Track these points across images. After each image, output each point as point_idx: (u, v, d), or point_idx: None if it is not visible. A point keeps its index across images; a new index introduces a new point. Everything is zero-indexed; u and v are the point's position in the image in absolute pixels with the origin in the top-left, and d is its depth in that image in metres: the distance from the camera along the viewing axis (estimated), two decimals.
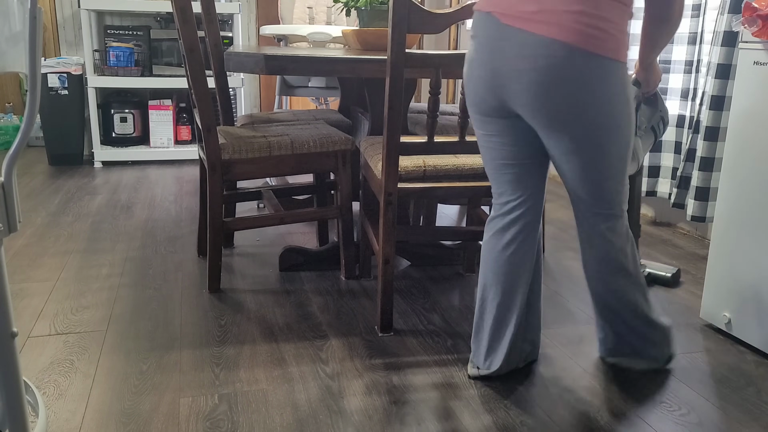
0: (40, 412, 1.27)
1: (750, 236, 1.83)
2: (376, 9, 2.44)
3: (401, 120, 1.79)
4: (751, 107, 1.82)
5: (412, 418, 1.50)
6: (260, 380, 1.65)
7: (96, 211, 3.14)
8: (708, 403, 1.60)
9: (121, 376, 1.66)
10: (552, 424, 1.49)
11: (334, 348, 1.83)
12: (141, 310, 2.05)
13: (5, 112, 4.81)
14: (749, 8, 1.74)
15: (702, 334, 1.98)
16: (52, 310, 2.04)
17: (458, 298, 2.21)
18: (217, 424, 1.46)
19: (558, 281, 2.37)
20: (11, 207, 1.04)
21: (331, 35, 3.22)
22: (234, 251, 2.61)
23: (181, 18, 2.02)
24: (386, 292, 1.90)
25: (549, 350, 1.85)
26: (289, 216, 2.24)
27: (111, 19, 4.52)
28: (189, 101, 4.49)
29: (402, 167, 1.87)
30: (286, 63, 1.92)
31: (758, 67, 1.79)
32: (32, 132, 1.85)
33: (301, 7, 3.94)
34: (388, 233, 1.87)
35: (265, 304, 2.12)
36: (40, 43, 1.00)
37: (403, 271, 2.43)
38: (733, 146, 1.88)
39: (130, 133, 4.38)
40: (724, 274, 1.92)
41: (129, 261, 2.47)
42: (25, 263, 2.43)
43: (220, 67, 2.49)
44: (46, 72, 4.04)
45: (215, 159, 2.09)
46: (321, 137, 2.20)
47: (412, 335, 1.92)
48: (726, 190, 1.91)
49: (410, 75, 1.88)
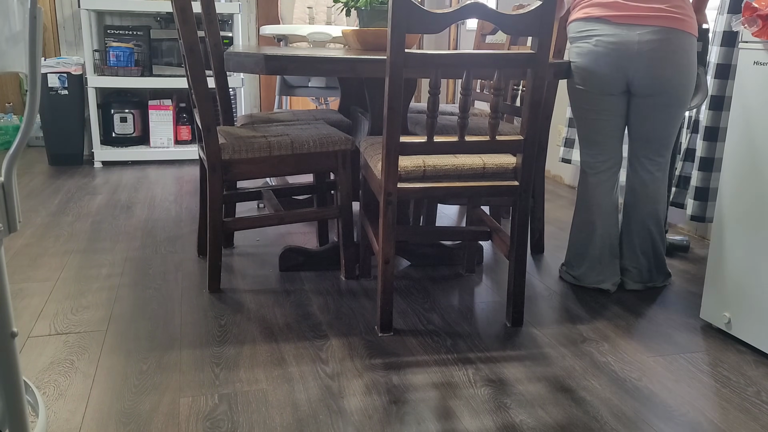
0: (40, 412, 1.27)
1: (750, 236, 1.83)
2: (376, 9, 2.44)
3: (401, 120, 1.79)
4: (751, 107, 1.82)
5: (411, 418, 1.50)
6: (260, 380, 1.65)
7: (96, 211, 3.14)
8: (708, 403, 1.60)
9: (121, 376, 1.66)
10: (552, 424, 1.50)
11: (334, 348, 1.83)
12: (141, 310, 2.05)
13: (5, 112, 4.81)
14: (749, 8, 1.74)
15: (702, 334, 1.98)
16: (52, 310, 2.04)
17: (458, 298, 2.21)
18: (217, 424, 1.46)
19: (558, 281, 2.37)
20: (11, 207, 1.04)
21: (331, 35, 3.22)
22: (234, 251, 2.61)
23: (181, 18, 2.02)
24: (386, 292, 1.90)
25: (549, 350, 1.85)
26: (289, 216, 2.24)
27: (111, 19, 4.52)
28: (189, 101, 4.49)
29: (402, 167, 1.87)
30: (286, 63, 1.92)
31: (758, 67, 1.79)
32: (32, 132, 1.85)
33: (301, 7, 3.94)
34: (388, 233, 1.87)
35: (265, 304, 2.12)
36: (40, 43, 1.00)
37: (403, 271, 2.43)
38: (733, 146, 1.88)
39: (130, 133, 4.38)
40: (724, 274, 1.92)
41: (129, 261, 2.47)
42: (25, 263, 2.43)
43: (220, 67, 2.49)
44: (46, 72, 4.04)
45: (215, 159, 2.09)
46: (321, 137, 2.20)
47: (411, 335, 1.92)
48: (726, 190, 1.91)
49: (410, 75, 1.88)
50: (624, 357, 1.82)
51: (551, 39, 1.79)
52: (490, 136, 1.86)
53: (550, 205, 3.44)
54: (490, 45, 2.99)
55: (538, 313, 2.10)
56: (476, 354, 1.82)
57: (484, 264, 2.54)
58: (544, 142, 2.60)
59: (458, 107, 1.85)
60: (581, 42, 2.11)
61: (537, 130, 1.87)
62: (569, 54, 2.20)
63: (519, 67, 1.80)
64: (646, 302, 2.20)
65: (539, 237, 2.69)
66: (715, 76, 2.57)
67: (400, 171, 1.87)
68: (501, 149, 1.88)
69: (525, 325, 2.01)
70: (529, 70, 1.82)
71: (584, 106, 2.19)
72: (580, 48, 2.12)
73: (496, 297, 2.22)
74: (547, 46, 1.79)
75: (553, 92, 2.58)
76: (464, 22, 5.26)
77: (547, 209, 3.37)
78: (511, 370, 1.74)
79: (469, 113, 1.85)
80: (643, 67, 2.04)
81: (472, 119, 2.68)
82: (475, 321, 2.03)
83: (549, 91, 2.57)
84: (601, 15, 2.05)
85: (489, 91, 2.90)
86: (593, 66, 2.09)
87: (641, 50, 2.02)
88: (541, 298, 2.22)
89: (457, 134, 1.85)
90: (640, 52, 2.02)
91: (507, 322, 2.02)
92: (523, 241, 1.95)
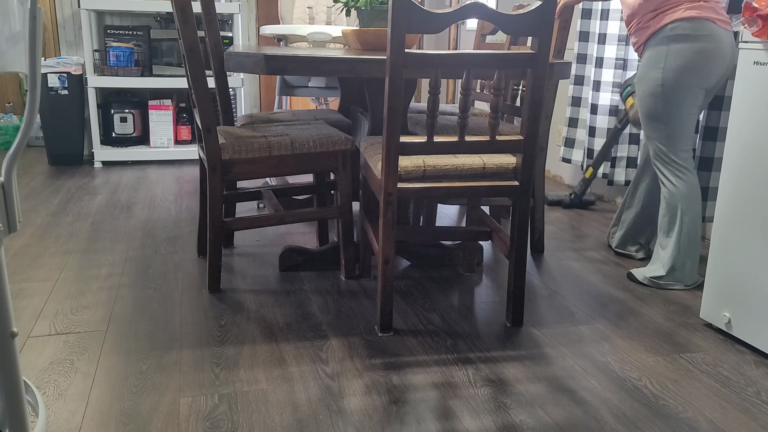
0: (40, 412, 1.27)
1: (750, 236, 1.83)
2: (376, 9, 2.44)
3: (401, 120, 1.79)
4: (751, 107, 1.82)
5: (412, 418, 1.50)
6: (260, 380, 1.65)
7: (96, 211, 3.14)
8: (708, 402, 1.60)
9: (121, 376, 1.66)
10: (552, 424, 1.50)
11: (334, 348, 1.83)
12: (141, 310, 2.05)
13: (5, 112, 4.81)
14: (749, 8, 1.74)
15: (702, 334, 1.98)
16: (52, 310, 2.04)
17: (458, 298, 2.21)
18: (217, 424, 1.46)
19: (558, 281, 2.37)
20: (11, 207, 1.04)
21: (331, 35, 3.22)
22: (234, 251, 2.61)
23: (181, 18, 2.02)
24: (386, 292, 1.90)
25: (549, 350, 1.85)
26: (289, 216, 2.24)
27: (111, 19, 4.52)
28: (189, 101, 4.49)
29: (402, 167, 1.87)
30: (286, 63, 1.92)
31: (758, 67, 1.79)
32: (32, 132, 1.85)
33: (301, 7, 3.94)
34: (388, 233, 1.87)
35: (265, 304, 2.12)
36: (40, 43, 1.00)
37: (403, 271, 2.43)
38: (733, 146, 1.88)
39: (130, 133, 4.38)
40: (724, 274, 1.92)
41: (129, 261, 2.47)
42: (25, 263, 2.43)
43: (220, 67, 2.49)
44: (46, 72, 4.04)
45: (215, 159, 2.09)
46: (321, 137, 2.20)
47: (411, 335, 1.92)
48: (726, 190, 1.91)
49: (410, 75, 1.88)
50: (624, 357, 1.82)
51: (551, 39, 1.79)
52: (490, 136, 1.86)
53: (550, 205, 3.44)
54: (490, 45, 2.99)
55: (538, 313, 2.10)
56: (476, 354, 1.82)
57: (484, 264, 2.54)
58: (544, 142, 2.60)
59: (458, 107, 1.85)
60: (693, 41, 2.18)
61: (537, 130, 1.87)
62: (669, 51, 2.22)
63: (519, 67, 1.80)
64: (646, 302, 2.20)
65: (539, 237, 2.69)
66: None
67: (400, 171, 1.87)
68: (501, 149, 1.88)
69: (525, 325, 2.01)
70: (529, 70, 1.82)
71: (689, 103, 2.25)
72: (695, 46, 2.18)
73: (496, 297, 2.22)
74: (547, 46, 1.79)
75: (553, 92, 2.58)
76: (464, 22, 5.26)
77: (547, 209, 3.37)
78: (511, 370, 1.74)
79: (469, 113, 1.85)
80: (730, 69, 2.26)
81: (472, 119, 2.68)
82: (475, 321, 2.03)
83: (549, 91, 2.57)
84: (706, 16, 2.18)
85: (489, 91, 2.89)
86: (708, 63, 2.20)
87: (733, 53, 2.24)
88: (541, 298, 2.22)
89: (457, 134, 1.85)
90: (732, 54, 2.24)
91: (507, 322, 2.02)
92: (523, 241, 1.95)
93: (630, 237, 2.64)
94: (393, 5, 1.66)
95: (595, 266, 2.53)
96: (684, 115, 2.26)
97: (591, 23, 3.44)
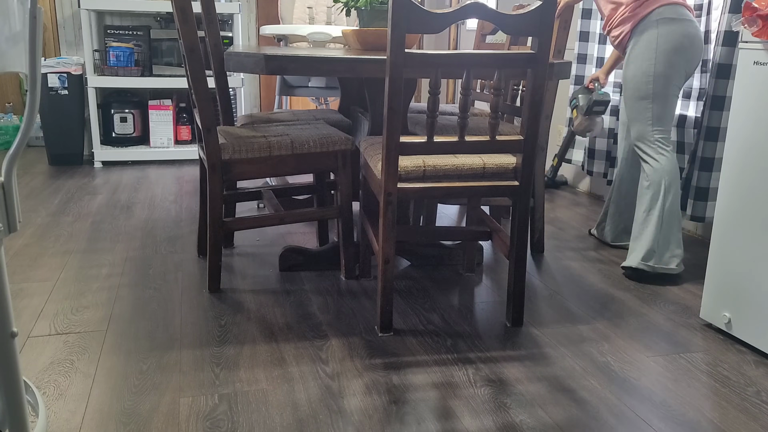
0: (40, 412, 1.27)
1: (750, 236, 1.83)
2: (376, 9, 2.44)
3: (401, 120, 1.79)
4: (751, 107, 1.82)
5: (412, 418, 1.50)
6: (260, 380, 1.65)
7: (96, 211, 3.14)
8: (708, 402, 1.60)
9: (121, 376, 1.66)
10: (552, 424, 1.50)
11: (334, 348, 1.83)
12: (141, 310, 2.05)
13: (5, 112, 4.81)
14: (749, 8, 1.74)
15: (702, 334, 1.98)
16: (52, 310, 2.04)
17: (458, 298, 2.21)
18: (217, 424, 1.46)
19: (558, 281, 2.38)
20: (11, 207, 1.04)
21: (331, 35, 3.22)
22: (234, 251, 2.61)
23: (181, 18, 2.02)
24: (386, 292, 1.90)
25: (549, 350, 1.85)
26: (289, 216, 2.24)
27: (111, 19, 4.52)
28: (189, 101, 4.49)
29: (402, 167, 1.87)
30: (286, 63, 1.92)
31: (758, 67, 1.79)
32: (32, 132, 1.85)
33: (301, 7, 3.94)
34: (388, 233, 1.87)
35: (265, 304, 2.12)
36: (40, 43, 1.00)
37: (403, 271, 2.43)
38: (733, 146, 1.88)
39: (130, 133, 4.38)
40: (724, 274, 1.92)
41: (129, 261, 2.47)
42: (25, 263, 2.43)
43: (220, 67, 2.49)
44: (46, 72, 4.04)
45: (215, 159, 2.09)
46: (321, 137, 2.20)
47: (411, 335, 1.92)
48: (726, 190, 1.91)
49: (410, 75, 1.88)
50: (624, 357, 1.82)
51: (551, 39, 1.79)
52: (490, 136, 1.86)
53: (550, 205, 3.44)
54: (490, 45, 2.99)
55: (538, 313, 2.10)
56: (476, 354, 1.82)
57: (484, 264, 2.54)
58: (544, 142, 2.60)
59: (458, 107, 1.85)
60: (679, 24, 2.31)
61: (537, 130, 1.87)
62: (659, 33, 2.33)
63: (519, 67, 1.80)
64: (646, 302, 2.20)
65: (539, 237, 2.69)
66: (715, 76, 2.57)
67: (400, 171, 1.87)
68: (501, 149, 1.88)
69: (525, 325, 2.01)
70: (529, 70, 1.82)
71: (674, 83, 2.37)
72: (681, 28, 2.32)
73: (496, 297, 2.22)
74: (547, 46, 1.79)
75: (553, 92, 2.58)
76: (464, 22, 5.26)
77: (547, 209, 3.37)
78: (511, 370, 1.74)
79: (469, 113, 1.85)
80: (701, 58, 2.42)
81: (472, 119, 2.68)
82: (475, 321, 2.03)
83: (549, 91, 2.57)
84: (683, 4, 2.34)
85: (489, 91, 2.89)
86: (692, 47, 2.34)
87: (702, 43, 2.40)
88: (541, 298, 2.22)
89: (457, 134, 1.85)
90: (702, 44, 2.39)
91: (507, 322, 2.02)
92: (523, 241, 1.95)
93: (622, 229, 2.73)
94: (393, 5, 1.66)
95: (595, 266, 2.53)
96: (671, 95, 2.38)
97: (591, 23, 3.45)
